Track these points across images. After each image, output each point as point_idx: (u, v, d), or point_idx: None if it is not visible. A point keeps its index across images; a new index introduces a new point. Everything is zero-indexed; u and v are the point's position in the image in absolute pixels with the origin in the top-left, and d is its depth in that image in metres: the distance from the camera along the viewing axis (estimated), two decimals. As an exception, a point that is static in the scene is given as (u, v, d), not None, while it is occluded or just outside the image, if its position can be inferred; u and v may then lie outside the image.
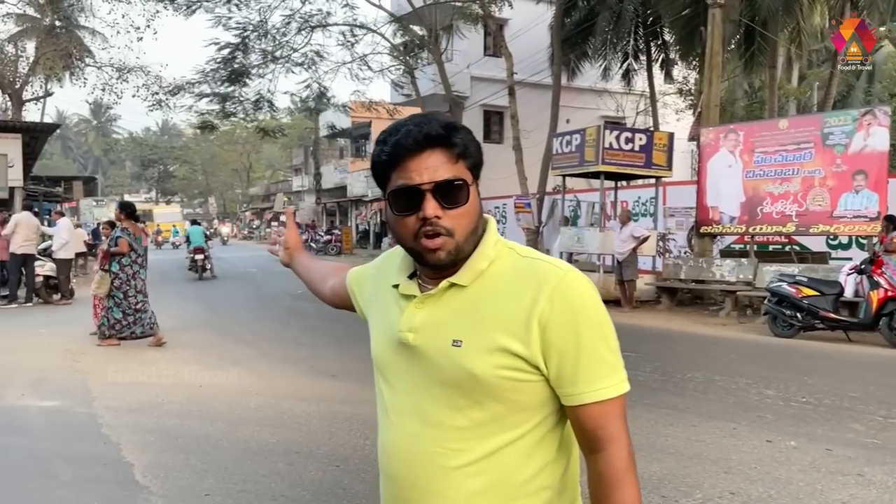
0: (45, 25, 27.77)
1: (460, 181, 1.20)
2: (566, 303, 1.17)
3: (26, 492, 4.12)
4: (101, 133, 74.28)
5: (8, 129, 18.33)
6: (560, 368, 1.18)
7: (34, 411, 5.83)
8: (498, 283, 1.23)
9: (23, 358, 7.90)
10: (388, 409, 1.31)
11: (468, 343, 1.19)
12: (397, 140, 1.20)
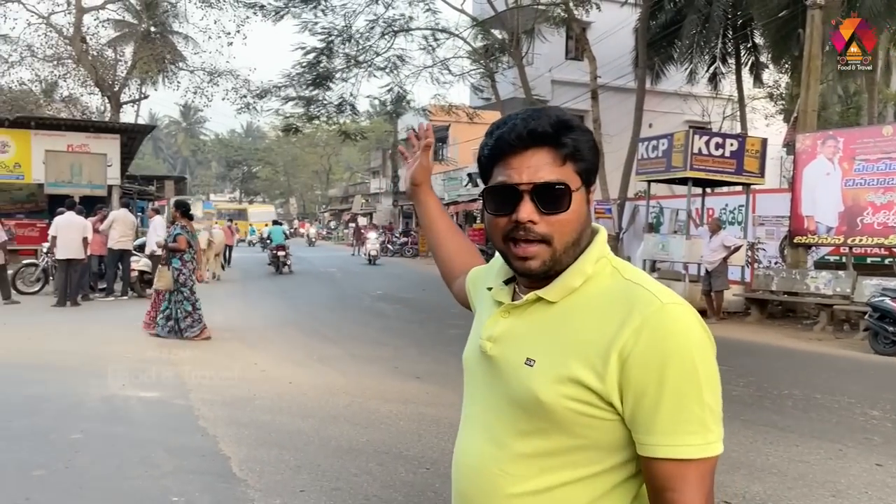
0: (142, 31, 29.10)
1: (562, 185, 1.10)
2: (655, 337, 1.03)
3: (131, 480, 4.28)
4: (190, 134, 77.34)
5: (107, 130, 19.31)
6: (635, 411, 1.04)
7: (135, 401, 6.06)
8: (588, 305, 1.11)
9: (122, 349, 8.26)
10: (465, 418, 1.27)
11: (540, 364, 1.10)
12: (501, 134, 1.13)
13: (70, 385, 6.52)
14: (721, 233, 12.39)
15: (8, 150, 17.43)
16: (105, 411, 5.74)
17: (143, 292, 13.82)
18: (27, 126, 17.84)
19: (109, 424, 5.39)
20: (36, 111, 22.34)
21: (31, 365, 7.35)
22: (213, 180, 77.14)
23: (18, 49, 24.60)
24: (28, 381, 6.64)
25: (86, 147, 18.15)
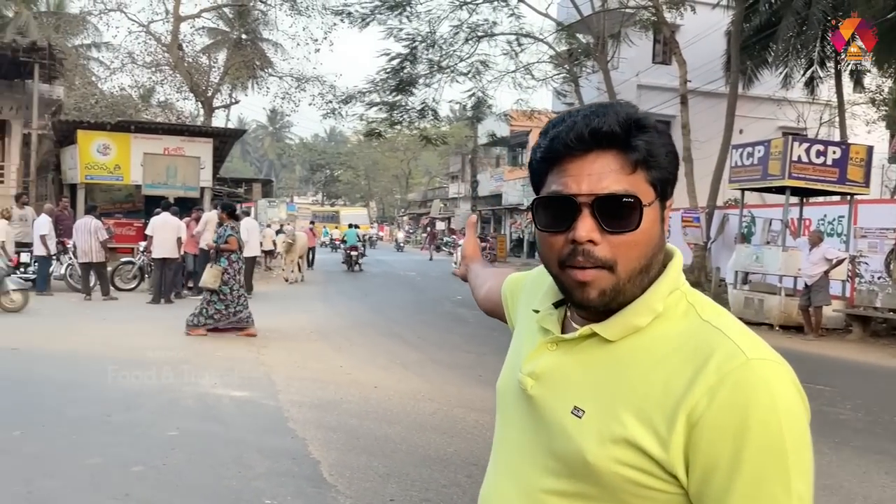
0: (234, 38, 30.10)
1: (631, 198, 0.90)
2: (734, 401, 0.83)
3: (225, 479, 4.33)
4: (276, 138, 79.66)
5: (201, 134, 20.04)
6: (703, 489, 0.85)
7: (227, 400, 6.18)
8: (655, 350, 0.91)
9: (213, 347, 8.47)
10: (494, 458, 1.08)
11: (590, 417, 0.91)
12: (557, 133, 0.93)
13: (165, 381, 6.72)
14: (822, 245, 11.76)
15: (109, 152, 18.31)
16: (198, 409, 5.87)
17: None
18: (127, 130, 18.70)
19: (203, 422, 5.51)
20: (135, 116, 23.40)
21: (129, 360, 7.61)
22: (296, 183, 79.15)
23: (120, 56, 25.86)
24: (126, 376, 6.88)
25: (181, 150, 18.88)
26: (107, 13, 24.81)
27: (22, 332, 9.09)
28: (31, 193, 17.87)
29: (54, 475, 4.26)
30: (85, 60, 30.87)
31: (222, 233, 9.35)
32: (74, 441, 4.94)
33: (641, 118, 0.93)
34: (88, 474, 4.32)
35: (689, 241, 18.35)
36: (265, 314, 10.86)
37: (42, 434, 5.05)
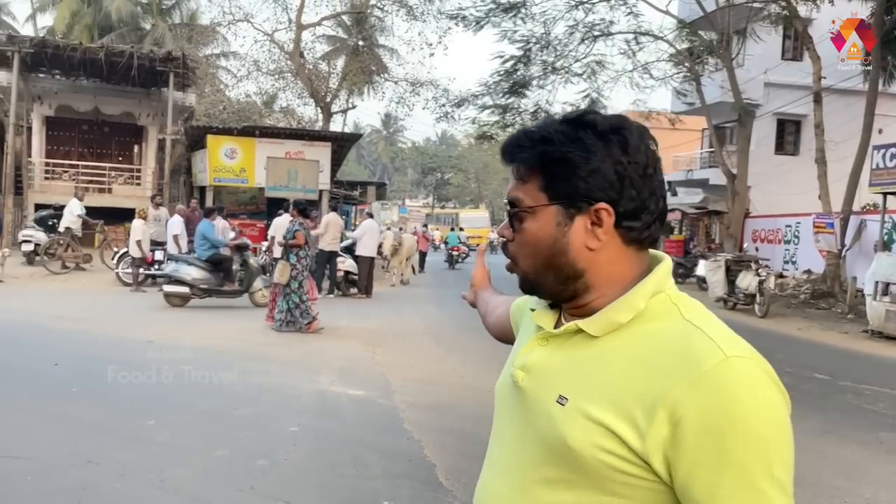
0: (351, 45, 30.98)
1: (511, 204, 1.03)
2: (716, 398, 0.86)
3: (344, 479, 4.37)
4: (389, 142, 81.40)
5: (320, 139, 20.70)
6: (690, 484, 0.87)
7: (344, 399, 6.27)
8: (636, 345, 0.95)
9: (331, 345, 8.67)
10: (488, 456, 1.13)
11: (573, 405, 0.95)
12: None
13: (286, 378, 6.91)
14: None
15: (236, 156, 19.22)
16: (318, 406, 5.98)
17: (347, 291, 14.58)
18: (252, 134, 19.57)
19: (322, 420, 5.60)
20: (259, 121, 24.50)
21: (253, 355, 7.90)
22: (408, 186, 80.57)
23: (246, 65, 27.17)
24: (250, 370, 7.13)
25: (301, 154, 19.57)
26: (235, 23, 26.13)
27: (158, 325, 9.64)
28: (165, 195, 19.03)
29: (185, 465, 4.44)
30: (214, 69, 32.66)
31: (290, 228, 9.59)
32: (203, 432, 5.14)
33: (536, 132, 1.02)
34: (216, 465, 4.47)
35: (821, 248, 17.21)
36: (380, 315, 11.06)
37: (174, 424, 5.29)
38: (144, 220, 13.61)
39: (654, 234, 1.02)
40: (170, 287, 11.22)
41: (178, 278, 11.18)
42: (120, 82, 20.67)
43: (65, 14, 34.35)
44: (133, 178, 22.11)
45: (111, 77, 20.34)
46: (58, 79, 21.32)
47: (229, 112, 25.68)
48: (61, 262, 15.17)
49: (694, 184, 26.82)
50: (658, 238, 1.06)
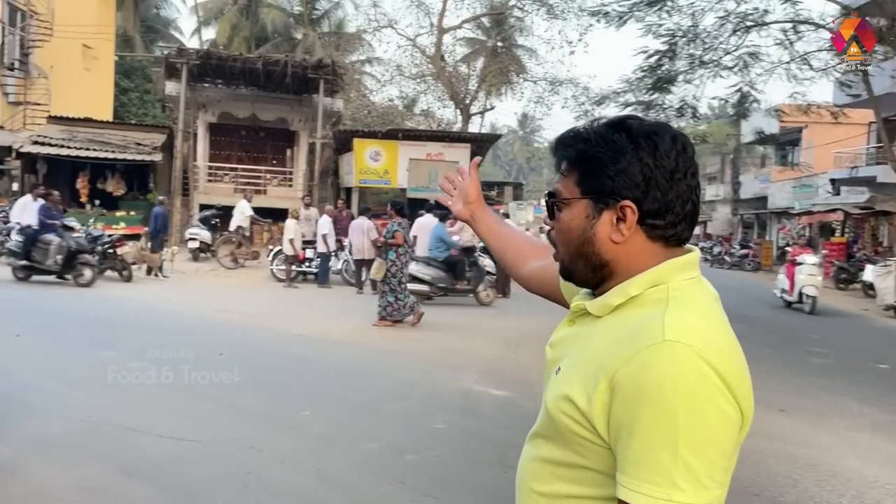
0: (490, 47, 31.18)
1: (551, 196, 1.16)
2: (638, 373, 0.97)
3: (490, 479, 4.37)
4: (525, 142, 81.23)
5: (460, 140, 20.99)
6: (614, 444, 1.00)
7: (487, 398, 6.30)
8: (616, 325, 1.07)
9: (472, 345, 8.74)
10: None
11: (561, 374, 1.11)
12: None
13: (430, 374, 7.04)
14: None
15: (380, 158, 19.87)
16: (462, 404, 6.04)
17: (486, 291, 14.65)
18: (395, 137, 20.17)
19: (467, 418, 5.65)
20: (400, 124, 25.21)
21: (397, 351, 8.12)
22: (544, 186, 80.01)
23: (389, 69, 28.04)
24: (394, 366, 7.33)
25: (441, 155, 19.93)
26: (380, 30, 27.03)
27: (307, 320, 10.13)
28: (314, 196, 19.99)
29: (339, 456, 4.61)
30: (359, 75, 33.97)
31: (390, 228, 9.87)
32: (355, 425, 5.32)
33: (572, 134, 1.14)
34: (368, 458, 4.61)
35: None
36: (519, 315, 11.03)
37: (328, 416, 5.52)
38: (296, 220, 14.35)
39: (680, 234, 1.10)
40: (413, 286, 11.98)
41: (420, 278, 12.14)
42: (275, 90, 21.95)
43: (226, 27, 36.95)
44: (286, 180, 23.39)
45: (267, 85, 21.64)
46: (220, 88, 22.95)
47: (374, 116, 26.61)
48: (233, 259, 16.26)
49: (859, 182, 24.77)
50: (688, 238, 1.12)
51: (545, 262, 1.50)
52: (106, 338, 8.02)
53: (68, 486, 3.91)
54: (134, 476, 4.13)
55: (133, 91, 33.91)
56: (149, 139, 20.98)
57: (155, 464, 4.34)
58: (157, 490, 3.97)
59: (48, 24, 22.45)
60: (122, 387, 6.11)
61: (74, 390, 5.86)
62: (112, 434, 4.83)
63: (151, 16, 41.10)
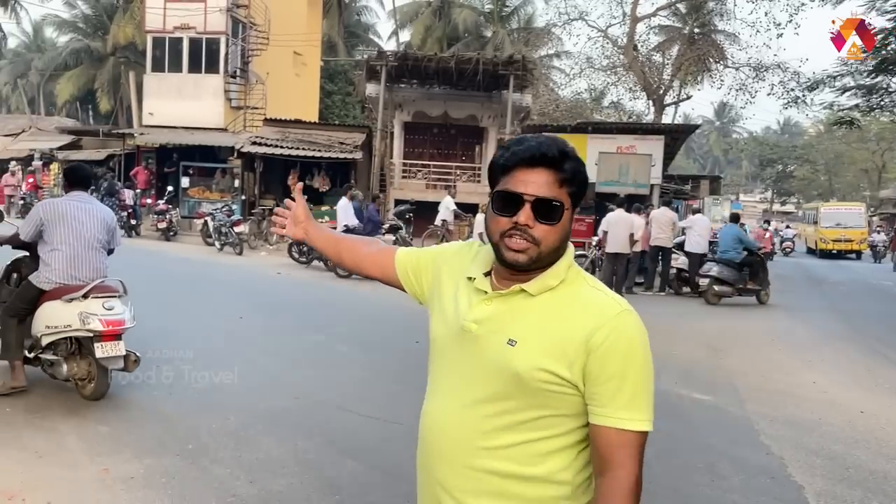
0: (686, 34, 29.67)
1: (558, 202, 1.38)
2: (619, 338, 1.35)
3: (698, 487, 4.14)
4: (722, 133, 76.60)
5: (653, 132, 20.18)
6: (598, 391, 1.34)
7: (688, 402, 5.99)
8: (562, 303, 1.40)
9: (671, 345, 8.36)
10: (434, 388, 1.52)
11: (521, 346, 1.37)
12: (517, 150, 1.39)
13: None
14: None
15: (568, 152, 19.64)
16: (662, 407, 5.73)
17: (679, 290, 13.99)
18: (584, 131, 19.81)
19: (668, 421, 5.38)
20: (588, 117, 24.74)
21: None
22: (742, 180, 74.98)
23: (579, 62, 27.62)
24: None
25: (633, 148, 19.27)
26: (569, 23, 26.69)
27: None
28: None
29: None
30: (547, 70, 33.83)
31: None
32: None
33: (569, 151, 1.41)
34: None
35: None
36: (718, 317, 10.40)
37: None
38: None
39: None
40: (717, 287, 12.59)
41: (723, 280, 12.54)
42: (466, 87, 22.43)
43: (420, 29, 38.43)
44: (474, 175, 23.84)
45: (459, 83, 22.16)
46: (415, 88, 23.87)
47: (562, 110, 26.39)
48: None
49: None
50: None
51: (373, 249, 1.79)
52: (317, 321, 8.63)
53: (288, 458, 4.23)
54: (345, 452, 4.38)
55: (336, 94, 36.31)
56: (350, 138, 22.31)
57: (363, 442, 4.58)
58: (365, 467, 4.18)
59: (265, 35, 24.61)
60: (333, 367, 6.55)
61: (293, 369, 6.35)
62: (325, 412, 5.17)
63: (353, 22, 43.76)
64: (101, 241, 5.14)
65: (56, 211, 4.98)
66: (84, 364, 4.98)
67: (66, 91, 39.97)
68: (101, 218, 5.18)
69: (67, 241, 4.93)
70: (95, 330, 4.78)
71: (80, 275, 4.97)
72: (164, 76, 24.03)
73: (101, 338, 4.80)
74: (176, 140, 21.99)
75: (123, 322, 4.94)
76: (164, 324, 8.06)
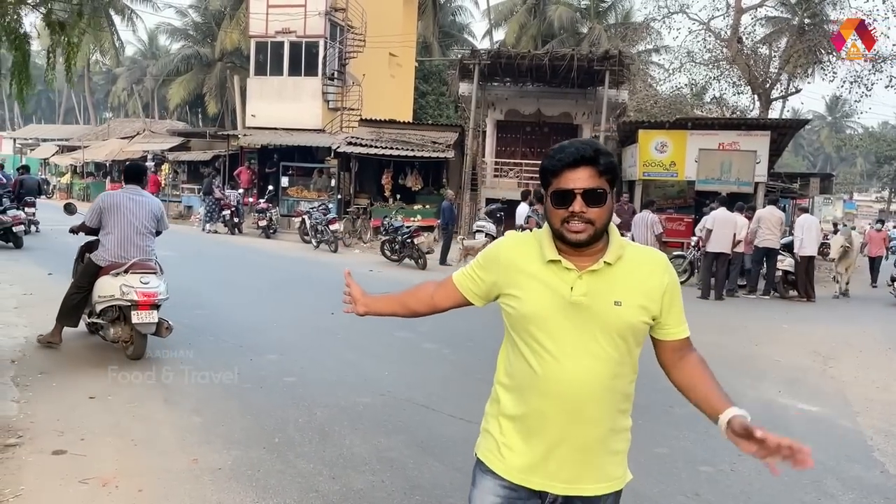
0: (794, 25, 28.11)
1: (602, 189, 1.80)
2: (673, 277, 1.89)
3: (803, 503, 3.84)
4: (835, 129, 72.37)
5: (758, 127, 19.21)
6: (668, 316, 1.88)
7: (793, 412, 5.61)
8: (633, 264, 1.86)
9: (771, 351, 7.90)
10: (553, 352, 1.83)
11: (626, 304, 1.81)
12: (562, 157, 1.81)
13: (726, 381, 6.45)
14: None
15: (666, 150, 18.97)
16: (763, 417, 5.42)
17: (785, 293, 13.25)
18: (684, 127, 19.08)
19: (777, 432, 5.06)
20: (689, 113, 23.82)
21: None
22: (857, 178, 70.52)
23: (679, 57, 26.66)
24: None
25: (736, 145, 18.41)
26: (669, 16, 25.82)
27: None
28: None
29: (631, 459, 4.38)
30: (645, 65, 32.86)
31: (527, 215, 10.40)
32: (644, 427, 5.03)
33: (601, 148, 1.83)
34: (659, 464, 4.33)
35: None
36: (826, 322, 9.77)
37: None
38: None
39: None
40: None
41: None
42: (560, 85, 22.08)
43: (514, 27, 38.22)
44: (567, 174, 23.44)
45: (552, 80, 21.84)
46: (508, 86, 23.70)
47: (660, 107, 25.54)
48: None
49: None
50: None
51: (432, 288, 2.17)
52: (406, 319, 8.64)
53: (370, 454, 4.22)
54: (427, 451, 4.33)
55: (430, 94, 36.62)
56: (443, 138, 22.41)
57: (445, 441, 4.52)
58: (446, 467, 4.11)
59: (361, 37, 25.08)
60: (419, 365, 6.53)
61: (379, 366, 6.38)
62: (409, 409, 5.14)
63: (448, 22, 44.01)
64: (147, 227, 6.05)
65: (112, 201, 5.96)
66: (126, 328, 5.88)
67: (178, 95, 42.13)
68: (149, 208, 6.09)
69: (119, 226, 5.90)
70: (132, 300, 5.68)
71: (127, 254, 5.89)
72: (265, 79, 24.91)
73: (138, 306, 5.70)
74: (276, 141, 22.74)
75: (156, 294, 5.79)
76: (259, 317, 8.29)
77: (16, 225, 13.43)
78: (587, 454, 1.85)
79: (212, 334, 7.32)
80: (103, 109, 61.19)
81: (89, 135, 36.96)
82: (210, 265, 13.29)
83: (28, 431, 4.32)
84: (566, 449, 1.84)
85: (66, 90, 59.04)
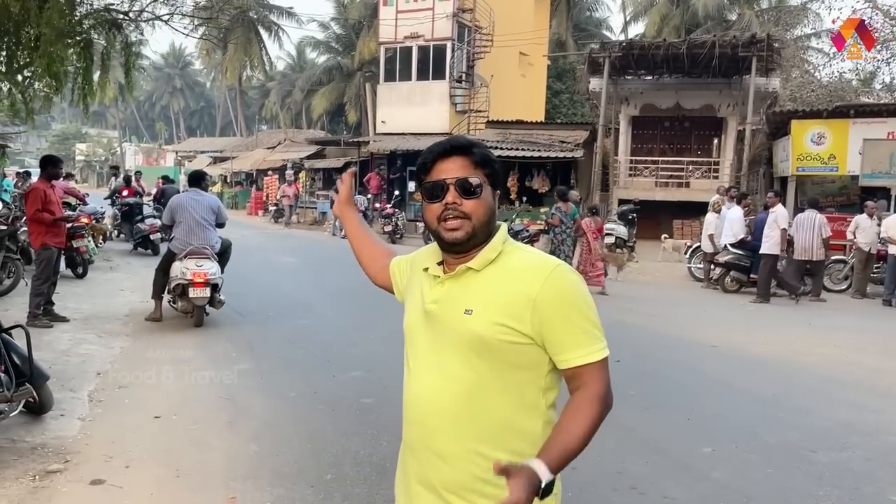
0: None
1: (475, 179, 1.61)
2: (557, 287, 1.54)
3: None
4: None
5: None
6: (549, 335, 1.54)
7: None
8: (504, 271, 1.59)
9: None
10: (412, 367, 1.66)
11: (477, 312, 1.55)
12: (433, 149, 1.66)
13: (886, 417, 5.31)
14: None
15: (824, 141, 16.99)
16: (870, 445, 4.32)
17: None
18: (845, 116, 17.01)
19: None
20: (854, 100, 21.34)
21: (843, 381, 6.42)
22: None
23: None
24: (839, 401, 5.74)
25: (909, 133, 16.16)
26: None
27: (727, 327, 8.87)
28: (742, 187, 18.02)
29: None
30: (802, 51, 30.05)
31: (550, 212, 11.15)
32: (769, 475, 4.10)
33: (476, 141, 1.71)
34: None
35: None
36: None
37: (733, 457, 4.39)
38: (717, 214, 12.91)
39: None
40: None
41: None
42: (701, 75, 20.46)
43: (655, 19, 36.29)
44: (710, 171, 21.72)
45: (692, 71, 20.27)
46: (643, 79, 22.30)
47: (818, 94, 23.15)
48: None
49: None
50: None
51: (386, 261, 1.98)
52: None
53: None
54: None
55: (564, 93, 35.57)
56: (572, 137, 21.43)
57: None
58: None
59: (489, 37, 24.60)
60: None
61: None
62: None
63: (583, 18, 42.68)
64: (207, 220, 7.62)
65: (179, 202, 7.67)
66: (188, 302, 7.45)
67: (321, 106, 43.70)
68: (207, 205, 7.71)
69: (186, 220, 7.53)
70: (188, 279, 7.27)
71: (192, 243, 7.47)
72: (394, 85, 25.05)
73: (193, 284, 7.26)
74: (403, 146, 22.75)
75: (207, 274, 7.28)
76: (357, 329, 7.93)
77: (153, 233, 14.07)
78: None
79: (303, 347, 7.06)
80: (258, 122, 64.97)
81: (239, 146, 39.15)
82: (329, 272, 13.23)
83: (77, 455, 4.11)
84: (423, 490, 1.61)
85: (223, 105, 63.21)
